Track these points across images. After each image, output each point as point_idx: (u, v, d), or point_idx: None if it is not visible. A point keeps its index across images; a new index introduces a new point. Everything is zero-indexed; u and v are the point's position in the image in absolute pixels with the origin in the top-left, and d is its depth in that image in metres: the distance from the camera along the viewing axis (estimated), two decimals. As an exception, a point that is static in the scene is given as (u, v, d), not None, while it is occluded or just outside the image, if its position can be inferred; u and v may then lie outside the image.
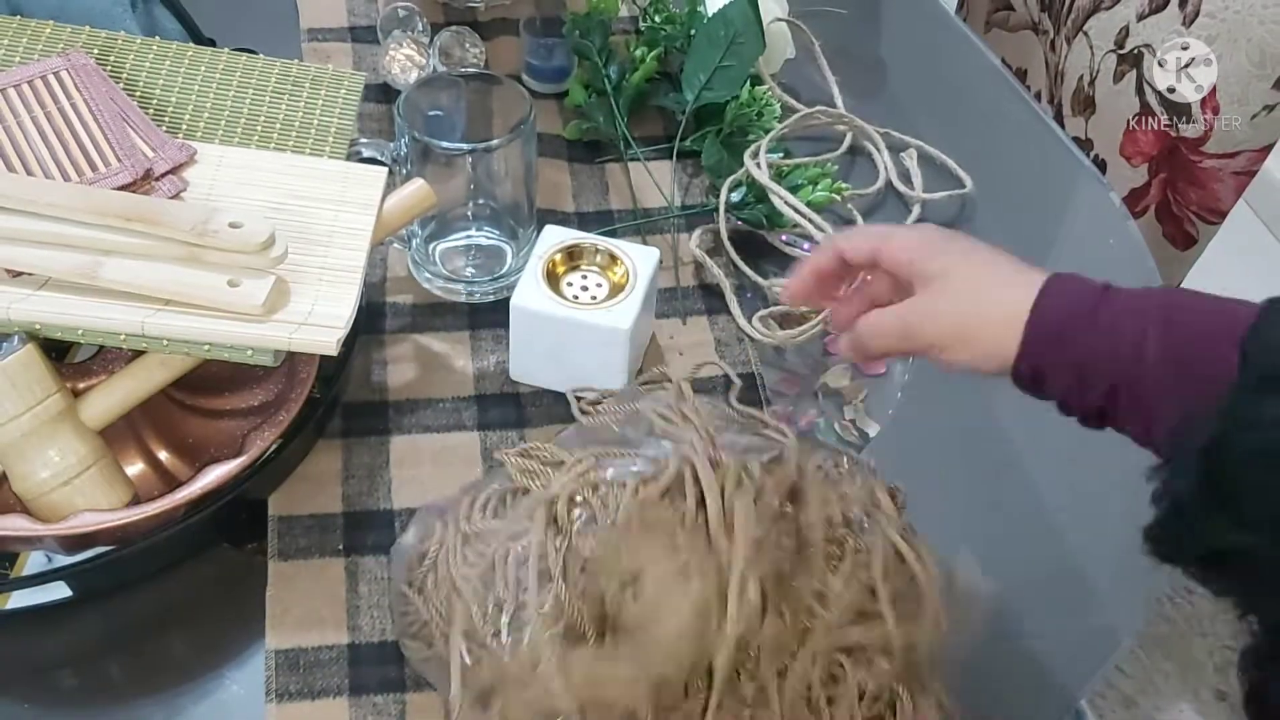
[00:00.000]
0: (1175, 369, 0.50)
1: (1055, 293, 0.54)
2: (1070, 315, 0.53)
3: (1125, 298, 0.53)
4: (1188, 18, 1.04)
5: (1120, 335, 0.51)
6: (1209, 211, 1.13)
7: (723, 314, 0.83)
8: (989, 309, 0.55)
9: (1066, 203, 0.97)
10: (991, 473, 0.77)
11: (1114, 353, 0.51)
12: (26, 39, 0.78)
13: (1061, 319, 0.53)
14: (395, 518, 0.70)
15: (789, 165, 0.90)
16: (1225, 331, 0.49)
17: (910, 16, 1.13)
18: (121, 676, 0.66)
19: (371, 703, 0.62)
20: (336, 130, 0.79)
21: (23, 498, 0.65)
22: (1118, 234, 0.93)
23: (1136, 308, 0.52)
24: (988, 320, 0.55)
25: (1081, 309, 0.53)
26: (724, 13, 0.92)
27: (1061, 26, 1.20)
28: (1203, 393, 0.48)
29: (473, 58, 0.97)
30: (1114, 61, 1.13)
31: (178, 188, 0.71)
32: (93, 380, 0.69)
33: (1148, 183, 1.15)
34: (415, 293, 0.83)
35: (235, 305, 0.63)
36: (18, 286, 0.64)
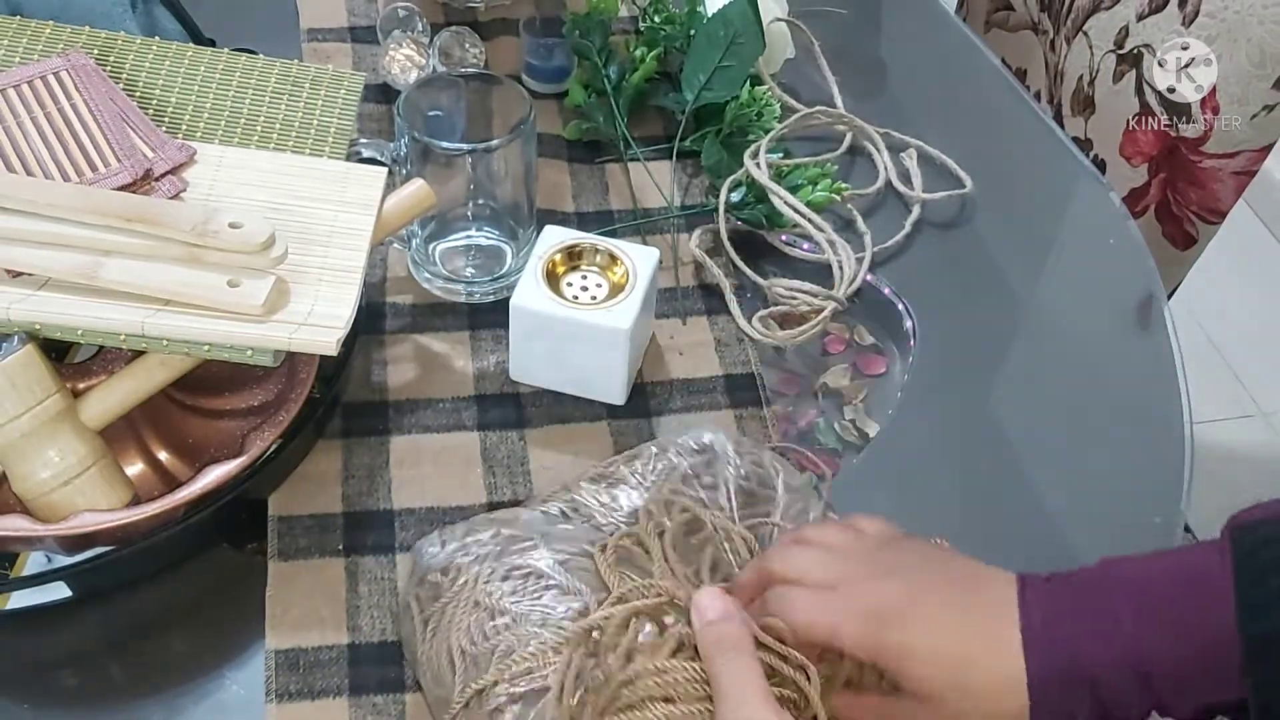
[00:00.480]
0: (1181, 667, 0.49)
1: (1034, 640, 0.51)
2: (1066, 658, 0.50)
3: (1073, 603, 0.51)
4: (1187, 18, 1.04)
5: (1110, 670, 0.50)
6: (1209, 211, 1.13)
7: (723, 314, 0.83)
8: (977, 690, 0.51)
9: (1066, 203, 0.98)
10: (991, 473, 0.77)
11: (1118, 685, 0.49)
12: (26, 39, 0.78)
13: (1059, 663, 0.50)
14: (395, 518, 0.70)
15: (789, 165, 0.90)
16: (1213, 598, 0.49)
17: (910, 17, 1.13)
18: (121, 676, 0.66)
19: (371, 703, 0.62)
20: (336, 130, 0.79)
21: (23, 498, 0.65)
22: (1118, 234, 0.93)
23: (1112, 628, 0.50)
24: (981, 703, 0.51)
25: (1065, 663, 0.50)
26: (724, 13, 0.92)
27: (1061, 26, 1.20)
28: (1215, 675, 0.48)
29: (472, 58, 0.97)
30: (1114, 61, 1.13)
31: (178, 188, 0.71)
32: (93, 380, 0.69)
33: (1147, 183, 1.15)
34: (415, 293, 0.83)
35: (235, 305, 0.63)
36: (18, 287, 0.64)
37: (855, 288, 0.83)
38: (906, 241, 0.90)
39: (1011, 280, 0.91)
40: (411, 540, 0.69)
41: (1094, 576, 0.52)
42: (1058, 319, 0.89)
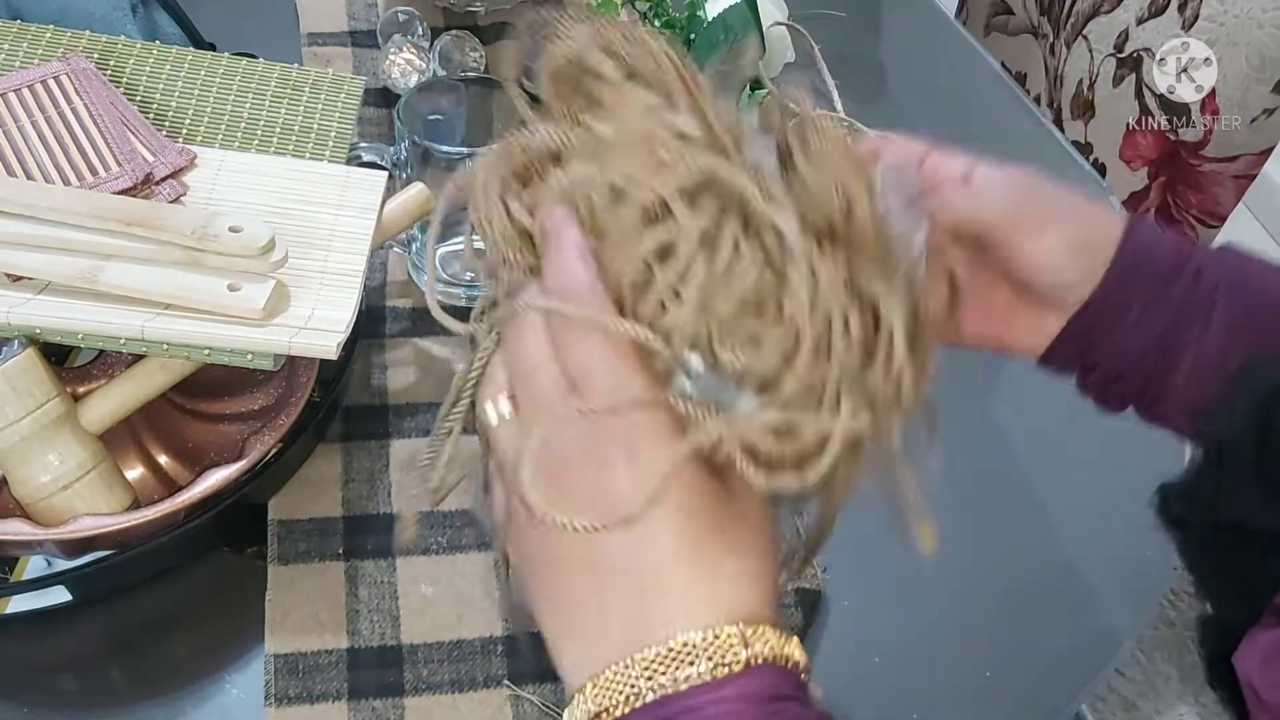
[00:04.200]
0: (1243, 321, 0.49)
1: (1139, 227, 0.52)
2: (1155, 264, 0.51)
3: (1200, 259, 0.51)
4: (1187, 21, 1.04)
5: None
6: (1209, 215, 1.13)
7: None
8: (1076, 211, 0.52)
9: (1066, 206, 0.97)
10: (992, 473, 0.77)
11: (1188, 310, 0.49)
12: (26, 43, 0.78)
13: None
14: (395, 521, 0.70)
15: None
16: None
17: (910, 20, 1.13)
18: (121, 680, 0.66)
19: (370, 707, 0.62)
20: (336, 134, 0.79)
21: (22, 502, 0.65)
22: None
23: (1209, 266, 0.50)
24: (1075, 212, 0.52)
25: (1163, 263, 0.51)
26: (723, 17, 0.92)
27: (1061, 30, 1.21)
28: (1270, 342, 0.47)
29: (473, 62, 0.97)
30: (1113, 65, 1.13)
31: (178, 192, 0.71)
32: (93, 384, 0.69)
33: (1148, 186, 1.16)
34: (415, 297, 0.83)
35: (235, 309, 0.63)
36: (18, 291, 0.64)
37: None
38: (906, 245, 0.90)
39: (1011, 284, 0.91)
40: (411, 544, 0.69)
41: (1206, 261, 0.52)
42: (1058, 323, 0.88)
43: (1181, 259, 0.51)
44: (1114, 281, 0.50)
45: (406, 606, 0.66)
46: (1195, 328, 0.49)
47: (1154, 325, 0.50)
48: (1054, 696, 0.67)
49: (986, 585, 0.71)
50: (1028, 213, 0.51)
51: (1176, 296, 0.50)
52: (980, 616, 0.70)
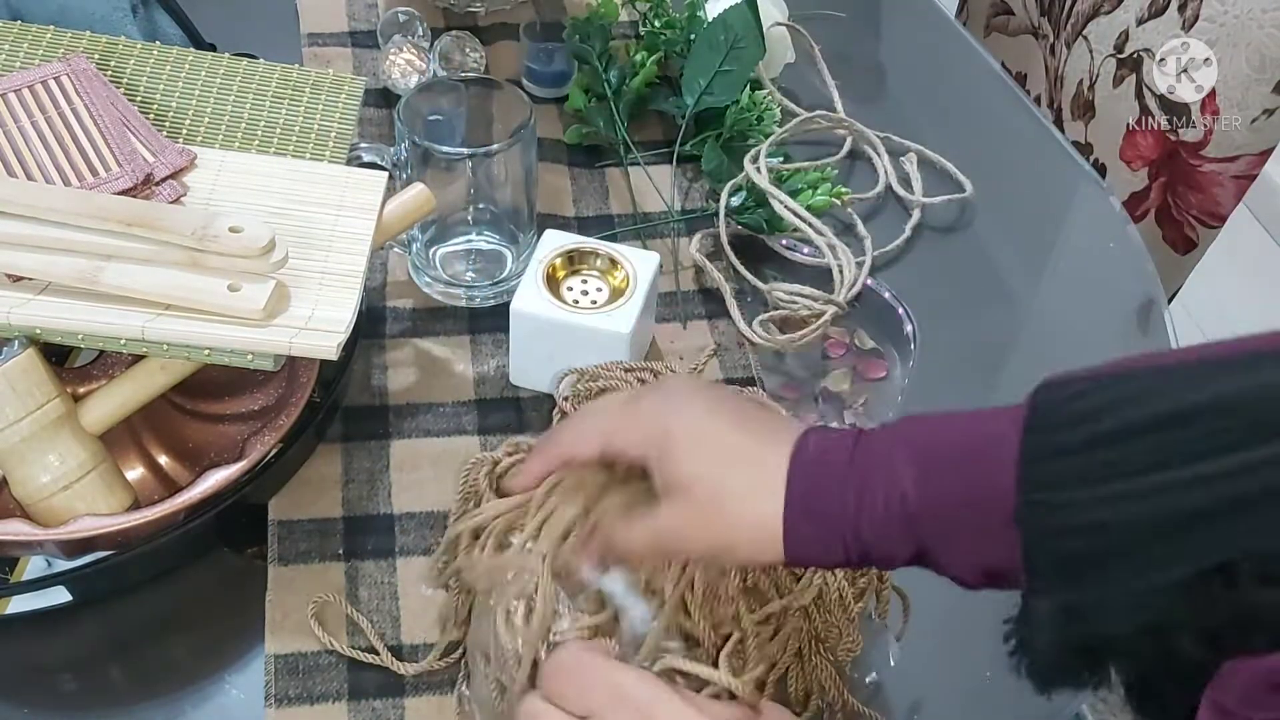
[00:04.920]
0: (959, 523, 0.48)
1: (800, 491, 0.50)
2: (822, 516, 0.49)
3: (873, 456, 0.49)
4: (1187, 22, 1.04)
5: (875, 507, 0.48)
6: (1209, 215, 1.13)
7: (723, 318, 0.83)
8: (739, 522, 0.50)
9: (1066, 207, 0.98)
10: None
11: (880, 529, 0.48)
12: (27, 44, 0.78)
13: (815, 524, 0.49)
14: (395, 522, 0.70)
15: (789, 170, 0.90)
16: (978, 446, 0.47)
17: (910, 21, 1.13)
18: (122, 681, 0.66)
19: (370, 707, 0.62)
20: (337, 135, 0.79)
21: (23, 502, 0.65)
22: (1118, 238, 0.93)
23: (885, 469, 0.49)
24: (742, 535, 0.51)
25: (832, 489, 0.49)
26: (724, 17, 0.92)
27: (1061, 31, 1.21)
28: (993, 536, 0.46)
29: (473, 62, 0.97)
30: (1114, 66, 1.14)
31: (178, 192, 0.71)
32: (93, 385, 0.69)
33: (1148, 187, 1.15)
34: (415, 297, 0.83)
35: (235, 310, 0.63)
36: (18, 291, 0.64)
37: (855, 292, 0.83)
38: (907, 245, 0.90)
39: (1012, 284, 0.91)
40: (412, 545, 0.69)
41: (886, 427, 0.51)
42: (1058, 323, 0.89)
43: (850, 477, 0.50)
44: (792, 557, 0.50)
45: (407, 607, 0.66)
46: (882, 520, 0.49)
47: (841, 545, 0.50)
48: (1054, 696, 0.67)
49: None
50: (699, 550, 0.53)
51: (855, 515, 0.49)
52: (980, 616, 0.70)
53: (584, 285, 0.76)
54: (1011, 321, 0.89)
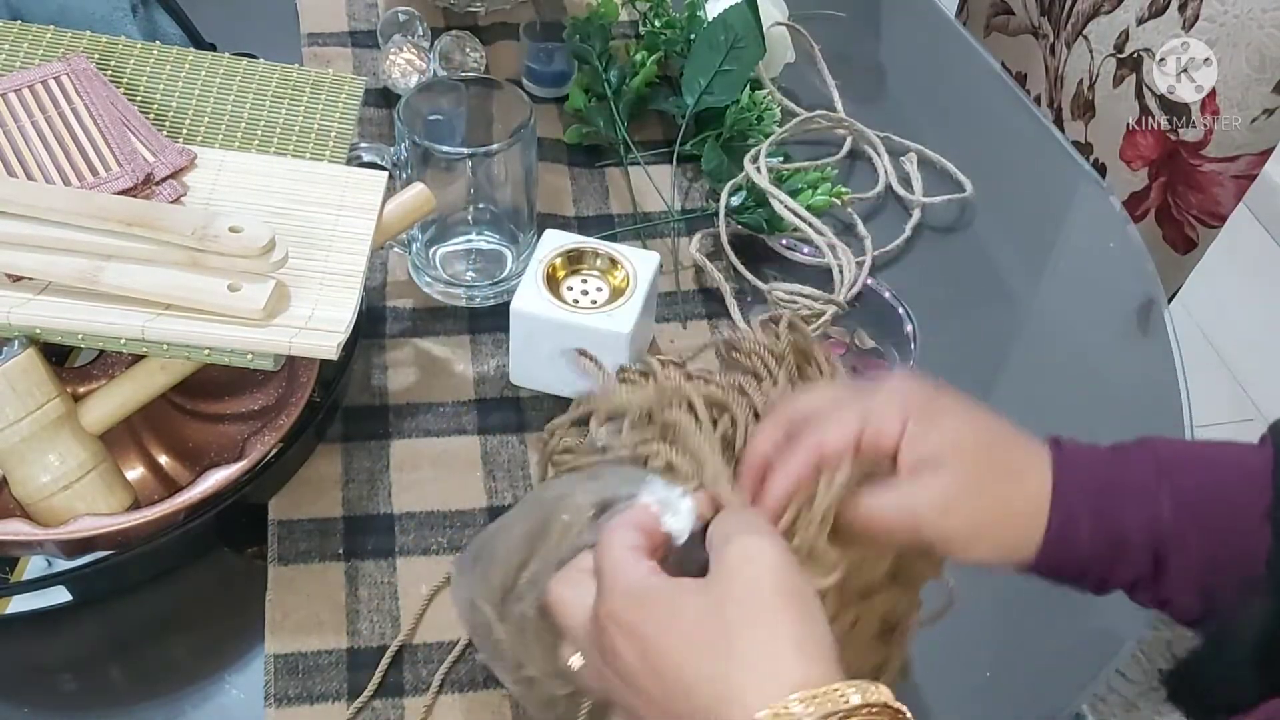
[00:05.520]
0: (1203, 552, 0.49)
1: (1067, 479, 0.50)
2: (1088, 510, 0.50)
3: (1138, 472, 0.50)
4: (1187, 21, 1.04)
5: (1142, 518, 0.49)
6: (1209, 215, 1.13)
7: (723, 318, 0.83)
8: (1005, 505, 0.50)
9: (1067, 207, 0.98)
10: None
11: (1138, 541, 0.49)
12: (27, 44, 0.78)
13: (1078, 515, 0.49)
14: (395, 522, 0.70)
15: (789, 169, 0.90)
16: (1249, 499, 0.49)
17: (910, 20, 1.13)
18: (122, 681, 0.66)
19: (370, 707, 0.62)
20: (337, 135, 0.79)
21: (23, 502, 0.65)
22: (1118, 238, 0.93)
23: (1153, 486, 0.50)
24: (1004, 519, 0.50)
25: (1097, 496, 0.50)
26: (724, 17, 0.92)
27: (1061, 30, 1.21)
28: (1232, 568, 0.48)
29: (473, 62, 0.97)
30: (1114, 65, 1.14)
31: (178, 192, 0.71)
32: (93, 385, 0.69)
33: (1148, 186, 1.16)
34: (415, 297, 0.83)
35: (235, 310, 0.63)
36: (18, 291, 0.64)
37: (855, 291, 0.83)
38: (907, 245, 0.90)
39: (1012, 284, 0.91)
40: (412, 545, 0.69)
41: (1136, 450, 0.51)
42: (1058, 323, 0.89)
43: (1115, 475, 0.51)
44: (1049, 548, 0.50)
45: (407, 607, 0.66)
46: (1146, 521, 0.50)
47: (1104, 539, 0.50)
48: (1054, 696, 0.67)
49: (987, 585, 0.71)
50: (955, 528, 0.50)
51: (1119, 509, 0.50)
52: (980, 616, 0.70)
53: (584, 285, 0.76)
54: (1011, 321, 0.89)
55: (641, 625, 0.44)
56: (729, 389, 0.57)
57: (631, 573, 0.46)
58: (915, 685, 0.66)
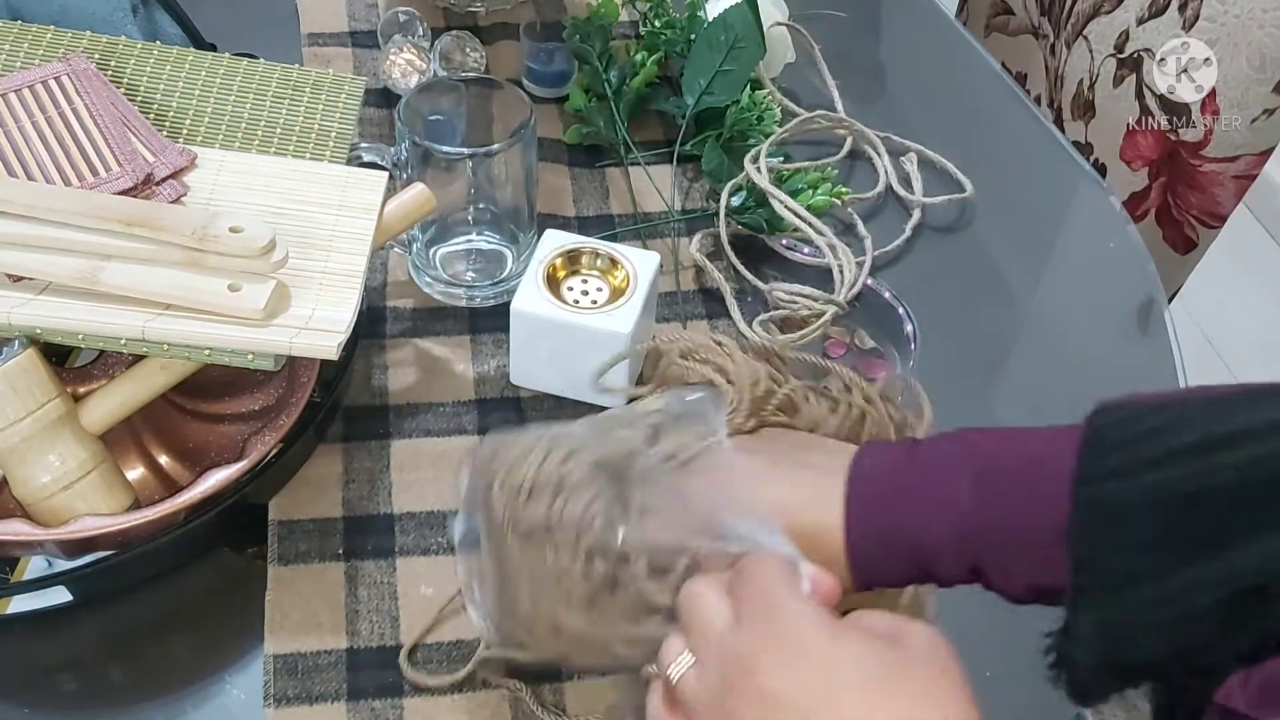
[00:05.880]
0: (1007, 547, 0.49)
1: (859, 512, 0.50)
2: (882, 534, 0.50)
3: (925, 481, 0.50)
4: (1187, 22, 1.04)
5: (934, 525, 0.49)
6: (1209, 215, 1.13)
7: (723, 318, 0.83)
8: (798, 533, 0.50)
9: (1067, 207, 0.98)
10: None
11: (934, 549, 0.50)
12: (27, 44, 0.78)
13: (877, 543, 0.50)
14: (395, 522, 0.70)
15: (789, 169, 0.90)
16: (1049, 482, 0.48)
17: (910, 21, 1.13)
18: (122, 681, 0.66)
19: (370, 707, 0.62)
20: (337, 135, 0.79)
21: (23, 502, 0.65)
22: (1118, 238, 0.93)
23: (941, 484, 0.50)
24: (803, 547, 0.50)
25: (889, 519, 0.50)
26: (724, 17, 0.92)
27: (1061, 31, 1.21)
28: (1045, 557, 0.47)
29: (473, 62, 0.97)
30: (1114, 66, 1.14)
31: (178, 192, 0.71)
32: (93, 385, 0.69)
33: (1148, 186, 1.15)
34: (416, 297, 0.83)
35: (236, 310, 0.63)
36: (18, 291, 0.64)
37: (856, 292, 0.83)
38: (907, 245, 0.90)
39: (1012, 284, 0.91)
40: (412, 545, 0.69)
41: (940, 443, 0.52)
42: (1058, 323, 0.89)
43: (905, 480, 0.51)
44: (855, 566, 0.51)
45: (406, 607, 0.66)
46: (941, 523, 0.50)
47: (903, 553, 0.50)
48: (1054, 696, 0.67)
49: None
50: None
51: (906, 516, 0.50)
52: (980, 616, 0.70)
53: (584, 285, 0.76)
54: (1011, 321, 0.89)
55: (834, 659, 0.44)
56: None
57: (813, 607, 0.45)
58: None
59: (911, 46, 1.11)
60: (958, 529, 0.49)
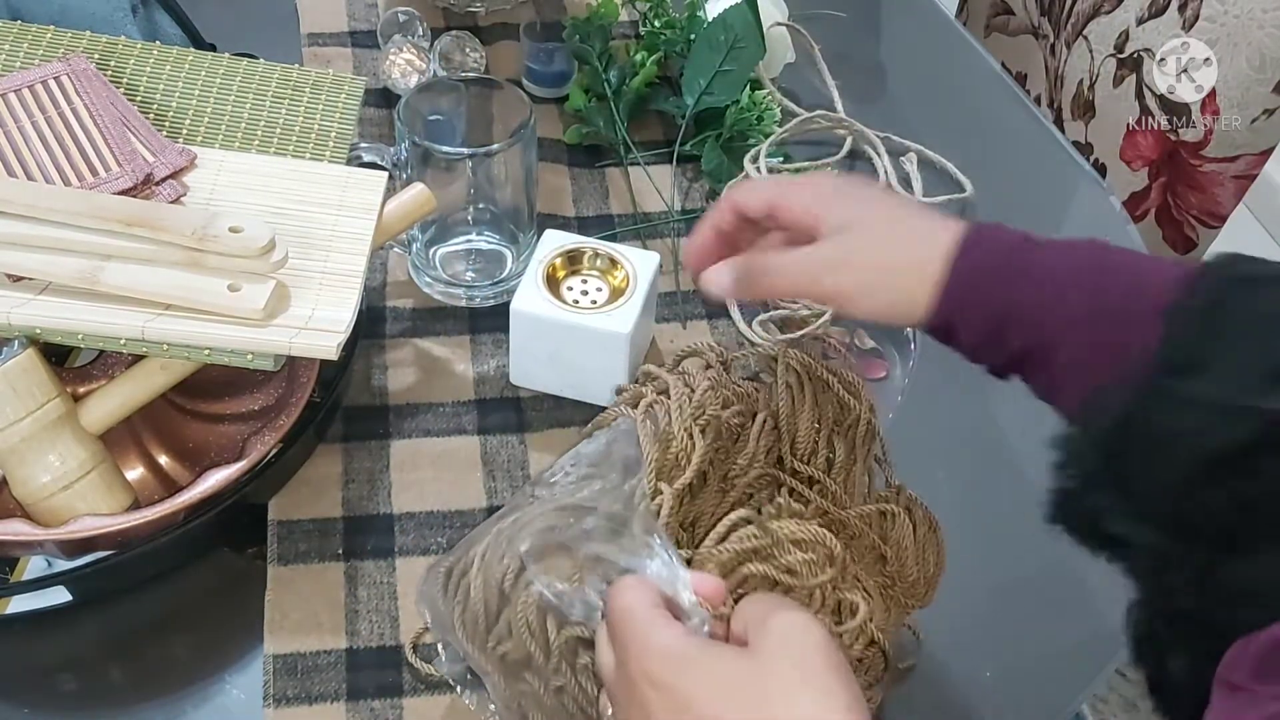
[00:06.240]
0: (1092, 335, 0.49)
1: (971, 244, 0.52)
2: (986, 270, 0.52)
3: (1049, 253, 0.52)
4: (1187, 22, 1.04)
5: (1040, 294, 0.50)
6: (1209, 215, 1.13)
7: (723, 318, 0.83)
8: (899, 259, 0.53)
9: (1066, 207, 0.98)
10: (991, 474, 0.77)
11: (1032, 313, 0.50)
12: (27, 44, 0.78)
13: (977, 272, 0.52)
14: (395, 522, 0.70)
15: (789, 170, 0.90)
16: (1150, 299, 0.48)
17: (910, 21, 1.13)
18: (122, 681, 0.66)
19: (369, 708, 0.62)
20: (337, 135, 0.79)
21: (23, 502, 0.65)
22: (1118, 238, 0.92)
23: (1058, 265, 0.51)
24: (897, 271, 0.53)
25: (999, 262, 0.52)
26: (724, 17, 0.92)
27: (1061, 31, 1.21)
28: (1117, 363, 0.47)
29: (473, 62, 0.97)
30: (1114, 66, 1.14)
31: (178, 192, 0.71)
32: (93, 385, 0.69)
33: (1148, 187, 1.16)
34: (415, 297, 0.83)
35: (236, 310, 0.63)
36: (18, 291, 0.64)
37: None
38: (907, 245, 0.90)
39: (1012, 284, 0.91)
40: (411, 545, 0.69)
41: (1059, 242, 0.53)
42: (1058, 323, 0.88)
43: (1018, 258, 0.52)
44: (939, 311, 0.53)
45: (406, 607, 0.66)
46: (1042, 324, 0.51)
47: (991, 312, 0.52)
48: (1054, 696, 0.67)
49: (987, 585, 0.71)
50: (846, 282, 0.55)
51: (1010, 286, 0.52)
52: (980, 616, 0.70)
53: (584, 285, 0.76)
54: (1011, 321, 0.88)
55: (685, 687, 0.45)
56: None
57: (665, 633, 0.47)
58: (915, 685, 0.66)
59: (911, 46, 1.11)
60: (1042, 314, 0.50)
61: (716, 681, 0.45)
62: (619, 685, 0.48)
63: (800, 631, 0.46)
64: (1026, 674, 0.69)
